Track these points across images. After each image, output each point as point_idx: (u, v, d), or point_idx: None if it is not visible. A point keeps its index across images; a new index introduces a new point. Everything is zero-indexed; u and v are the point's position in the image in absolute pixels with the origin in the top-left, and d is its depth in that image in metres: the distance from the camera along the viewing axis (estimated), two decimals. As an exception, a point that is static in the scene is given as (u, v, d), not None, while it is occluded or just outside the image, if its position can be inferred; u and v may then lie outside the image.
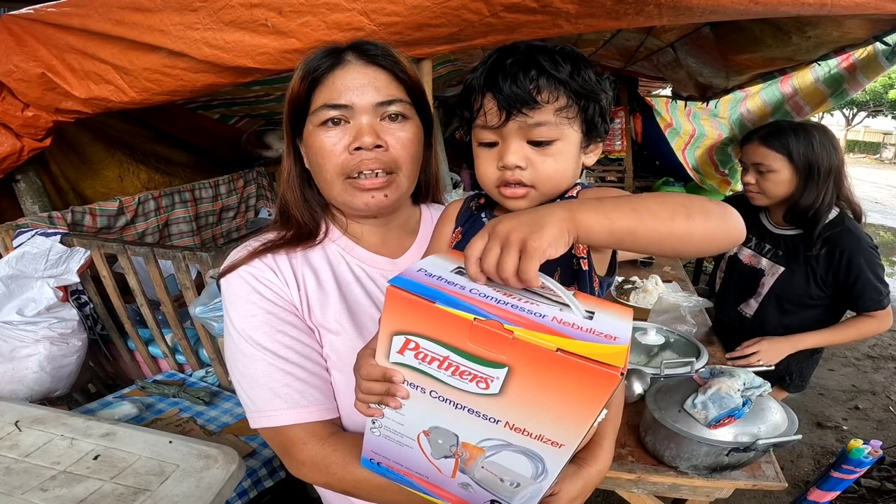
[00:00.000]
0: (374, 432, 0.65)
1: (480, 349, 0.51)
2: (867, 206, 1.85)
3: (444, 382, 0.55)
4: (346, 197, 0.86)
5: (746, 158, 1.73)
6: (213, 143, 3.52)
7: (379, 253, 0.95)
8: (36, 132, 2.02)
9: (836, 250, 1.65)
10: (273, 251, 0.87)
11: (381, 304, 0.90)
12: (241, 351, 0.83)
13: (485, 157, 0.74)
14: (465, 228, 0.85)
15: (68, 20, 1.70)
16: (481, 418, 0.55)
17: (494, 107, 0.69)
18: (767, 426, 1.28)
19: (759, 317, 1.87)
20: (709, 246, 0.65)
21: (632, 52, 3.37)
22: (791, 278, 1.76)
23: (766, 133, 1.68)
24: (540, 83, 0.67)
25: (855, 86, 3.18)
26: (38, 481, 1.05)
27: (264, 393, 0.81)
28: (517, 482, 0.60)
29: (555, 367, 0.48)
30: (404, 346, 0.54)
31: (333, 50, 0.84)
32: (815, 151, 1.63)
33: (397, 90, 0.85)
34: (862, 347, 4.23)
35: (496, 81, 0.68)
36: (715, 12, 1.45)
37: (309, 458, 0.80)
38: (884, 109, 21.52)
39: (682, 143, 4.70)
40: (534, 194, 0.73)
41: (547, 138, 0.69)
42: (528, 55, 0.68)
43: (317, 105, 0.83)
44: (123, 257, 2.00)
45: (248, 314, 0.83)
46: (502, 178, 0.72)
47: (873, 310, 1.68)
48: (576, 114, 0.70)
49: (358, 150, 0.81)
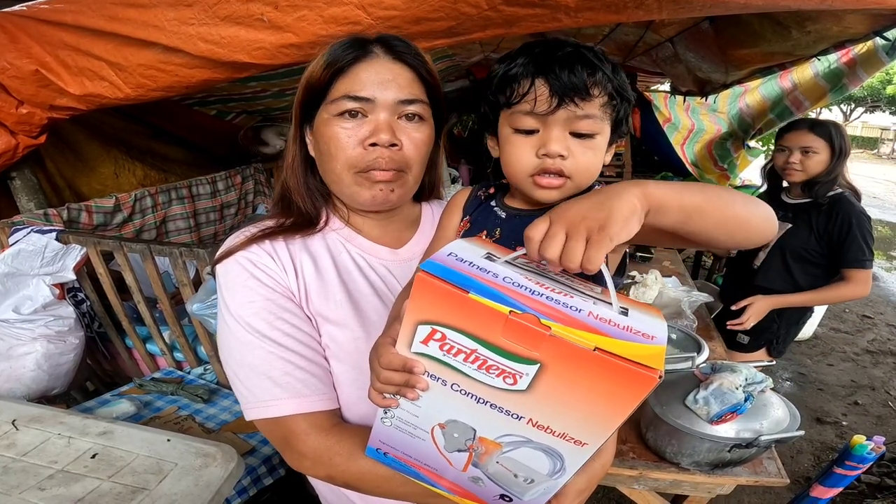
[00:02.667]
0: (384, 422, 0.63)
1: (513, 344, 0.48)
2: (865, 200, 2.14)
3: (469, 376, 0.53)
4: (353, 189, 0.85)
5: (792, 143, 2.08)
6: (210, 139, 3.49)
7: (380, 243, 0.94)
8: (31, 129, 2.00)
9: (834, 210, 2.03)
10: (271, 237, 0.86)
11: (382, 293, 0.90)
12: (238, 339, 0.80)
13: (521, 143, 0.73)
14: (473, 217, 0.84)
15: (61, 17, 1.68)
16: (503, 414, 0.53)
17: (546, 92, 0.68)
18: (769, 422, 1.28)
19: (765, 266, 2.22)
20: (760, 234, 0.67)
21: (630, 46, 3.36)
22: (796, 232, 2.12)
23: (811, 123, 2.08)
24: (595, 77, 0.68)
25: (855, 81, 3.17)
26: (36, 480, 1.04)
27: (263, 382, 0.79)
28: (531, 478, 0.59)
29: (590, 366, 0.47)
30: (429, 336, 0.52)
31: (360, 40, 0.83)
32: (843, 139, 2.05)
33: (419, 90, 0.85)
34: (861, 342, 4.24)
35: (552, 68, 0.68)
36: (715, 6, 1.44)
37: (311, 450, 0.78)
38: (882, 105, 21.53)
39: (681, 138, 4.69)
40: (569, 185, 0.72)
41: (590, 131, 0.70)
42: (577, 49, 0.69)
43: (337, 94, 0.81)
44: (120, 254, 1.99)
45: (246, 300, 0.81)
46: (541, 166, 0.71)
47: (855, 267, 2.00)
48: (612, 111, 0.71)
49: (373, 145, 0.81)
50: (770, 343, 2.30)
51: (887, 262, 6.94)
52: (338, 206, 0.94)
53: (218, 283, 0.85)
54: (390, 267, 0.93)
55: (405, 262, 0.94)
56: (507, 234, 0.79)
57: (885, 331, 4.49)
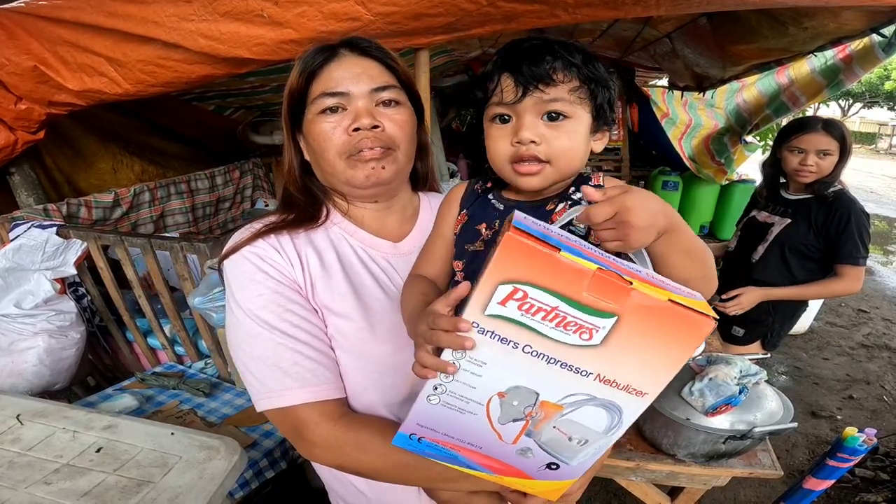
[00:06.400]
0: (431, 400, 0.63)
1: (596, 299, 0.52)
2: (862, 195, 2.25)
3: (544, 335, 0.55)
4: (348, 173, 0.88)
5: (808, 145, 2.05)
6: (208, 134, 3.49)
7: (380, 236, 0.97)
8: (29, 125, 2.00)
9: (834, 205, 2.04)
10: (276, 232, 0.89)
11: (385, 285, 0.92)
12: (248, 332, 0.83)
13: (498, 133, 0.76)
14: (470, 211, 0.86)
15: (60, 13, 1.68)
16: (572, 372, 0.57)
17: (511, 84, 0.72)
18: (764, 414, 1.30)
19: (763, 260, 2.23)
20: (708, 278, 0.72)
21: (629, 42, 3.36)
22: (796, 227, 2.13)
23: (825, 124, 2.06)
24: (556, 65, 0.72)
25: (851, 77, 3.16)
26: (42, 475, 1.06)
27: (274, 373, 0.81)
28: (586, 439, 0.63)
29: (662, 317, 0.52)
30: (509, 296, 0.53)
31: (327, 46, 0.89)
32: (850, 139, 2.06)
33: (390, 77, 0.90)
34: (856, 336, 4.27)
35: (514, 62, 0.72)
36: (712, 3, 1.45)
37: (322, 438, 0.80)
38: (880, 100, 21.56)
39: (679, 133, 4.69)
40: (548, 171, 0.75)
41: (561, 111, 0.73)
42: (544, 42, 0.73)
43: (315, 95, 0.87)
44: (120, 248, 2.00)
45: (255, 293, 0.83)
46: (517, 153, 0.74)
47: (849, 264, 2.01)
48: (587, 96, 0.74)
49: (357, 130, 0.85)
50: (764, 336, 2.32)
51: (884, 257, 6.97)
52: (337, 200, 0.97)
53: (226, 278, 0.87)
54: (391, 259, 0.96)
55: (405, 255, 0.96)
56: None
57: (880, 325, 4.52)
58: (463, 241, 0.84)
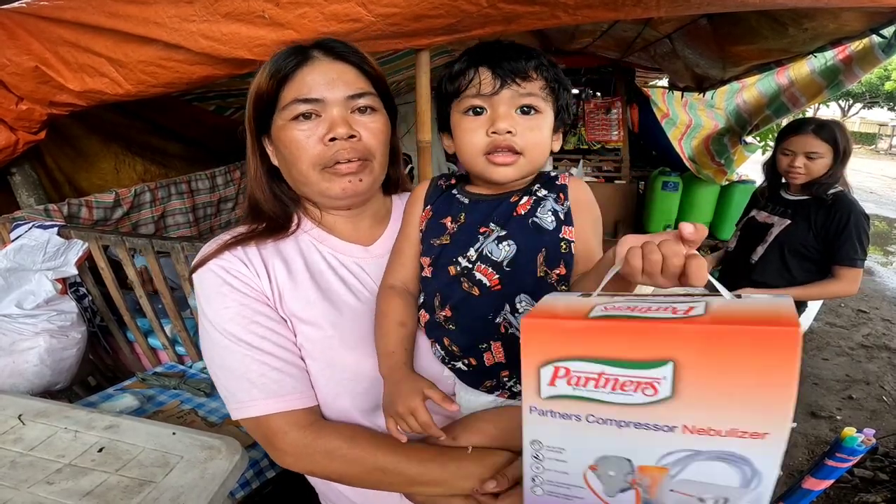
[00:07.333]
0: (535, 491, 0.59)
1: (637, 350, 0.47)
2: (862, 195, 2.23)
3: (603, 401, 0.50)
4: (323, 185, 0.87)
5: (797, 147, 2.07)
6: (209, 134, 3.50)
7: (352, 241, 0.96)
8: (30, 125, 2.01)
9: (834, 207, 2.04)
10: (243, 243, 0.88)
11: (357, 290, 0.92)
12: (217, 343, 0.84)
13: (471, 126, 0.78)
14: (434, 206, 0.88)
15: (61, 13, 1.68)
16: (653, 430, 0.49)
17: (490, 76, 0.75)
18: (763, 415, 1.29)
19: (762, 261, 2.24)
20: None
21: (629, 42, 3.37)
22: (795, 228, 2.14)
23: (815, 127, 2.06)
24: (530, 63, 0.76)
25: (851, 77, 3.17)
26: (44, 475, 1.06)
27: (242, 384, 0.82)
28: (724, 497, 0.50)
29: (726, 345, 0.44)
30: (554, 375, 0.51)
31: (300, 48, 0.86)
32: (847, 141, 2.06)
33: (365, 84, 0.88)
34: (856, 337, 4.27)
35: (491, 57, 0.76)
36: (712, 4, 1.45)
37: (291, 446, 0.82)
38: (880, 101, 21.57)
39: (679, 134, 4.70)
40: (522, 162, 0.78)
41: (533, 105, 0.77)
42: (514, 44, 0.78)
43: (287, 101, 0.84)
44: (122, 249, 2.00)
45: (221, 306, 0.84)
46: (493, 143, 0.77)
47: (846, 265, 2.02)
48: (552, 95, 0.78)
49: (333, 140, 0.83)
50: None
51: (883, 258, 6.97)
52: (308, 207, 0.96)
53: (195, 291, 0.88)
54: (363, 264, 0.95)
55: (377, 258, 0.96)
56: (473, 218, 0.83)
57: (880, 325, 4.52)
58: (429, 237, 0.85)
